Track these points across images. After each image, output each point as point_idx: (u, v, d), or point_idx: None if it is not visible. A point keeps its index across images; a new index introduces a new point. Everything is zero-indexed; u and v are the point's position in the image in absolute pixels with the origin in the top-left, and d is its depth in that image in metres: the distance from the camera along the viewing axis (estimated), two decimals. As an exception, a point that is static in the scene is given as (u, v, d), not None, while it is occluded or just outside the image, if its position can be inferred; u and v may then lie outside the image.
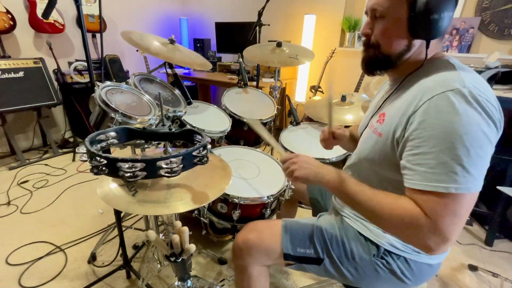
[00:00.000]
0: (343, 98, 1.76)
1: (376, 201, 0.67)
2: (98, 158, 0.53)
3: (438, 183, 0.58)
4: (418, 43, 0.69)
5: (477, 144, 0.56)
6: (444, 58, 0.70)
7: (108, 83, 1.10)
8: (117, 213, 1.33)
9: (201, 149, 0.61)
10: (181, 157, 0.57)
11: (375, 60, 0.74)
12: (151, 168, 0.55)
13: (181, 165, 0.57)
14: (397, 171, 0.70)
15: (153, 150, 1.09)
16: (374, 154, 0.75)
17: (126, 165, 0.53)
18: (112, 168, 0.54)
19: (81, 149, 0.57)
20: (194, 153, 0.60)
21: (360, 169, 0.84)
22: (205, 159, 0.62)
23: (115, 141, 0.69)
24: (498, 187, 1.41)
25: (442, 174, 0.58)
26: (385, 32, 0.69)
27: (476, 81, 0.61)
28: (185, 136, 0.75)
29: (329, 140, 1.06)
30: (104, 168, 0.53)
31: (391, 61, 0.72)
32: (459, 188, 0.57)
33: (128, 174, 0.53)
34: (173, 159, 0.56)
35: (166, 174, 0.56)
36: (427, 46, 0.66)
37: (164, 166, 0.55)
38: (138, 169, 0.53)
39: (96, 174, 0.53)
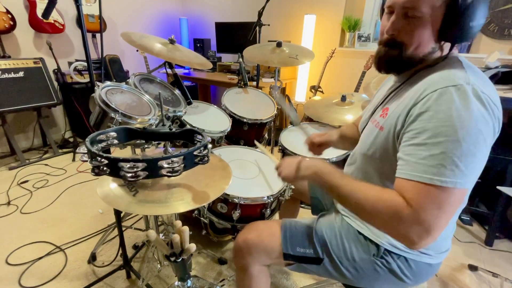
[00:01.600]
0: (343, 98, 1.76)
1: (361, 193, 0.66)
2: (99, 158, 0.53)
3: (424, 174, 0.58)
4: (444, 46, 0.68)
5: (471, 140, 0.56)
6: (452, 55, 0.70)
7: (108, 83, 1.10)
8: (117, 213, 1.33)
9: (202, 148, 0.61)
10: (182, 157, 0.57)
11: (397, 61, 0.71)
12: (153, 168, 0.54)
13: (183, 165, 0.57)
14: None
15: (153, 150, 1.09)
16: (375, 149, 0.76)
17: (128, 165, 0.52)
18: (113, 168, 0.54)
19: (82, 149, 0.57)
20: (195, 153, 0.60)
21: (361, 165, 0.84)
22: (206, 158, 0.62)
23: (116, 141, 0.69)
24: (498, 187, 1.41)
25: (431, 166, 0.58)
26: (416, 32, 0.66)
27: (481, 81, 0.61)
28: (185, 136, 0.75)
29: (315, 149, 1.13)
30: (105, 168, 0.53)
31: (412, 63, 0.70)
32: (444, 182, 0.57)
33: (130, 174, 0.53)
34: (174, 159, 0.56)
35: (168, 174, 0.56)
36: (451, 48, 0.66)
37: (165, 165, 0.55)
38: (139, 169, 0.53)
39: (97, 174, 0.53)
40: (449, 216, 0.59)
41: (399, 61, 0.71)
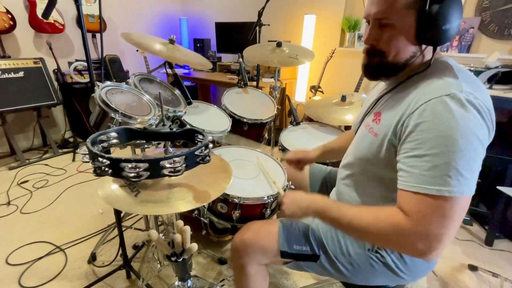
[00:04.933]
0: (343, 98, 1.75)
1: (358, 219, 0.68)
2: (101, 159, 0.52)
3: (431, 186, 0.59)
4: (425, 49, 0.69)
5: (471, 148, 0.57)
6: (442, 59, 0.70)
7: (108, 83, 1.10)
8: (117, 213, 1.33)
9: (203, 148, 0.61)
10: (184, 157, 0.57)
11: (380, 68, 0.74)
12: (155, 168, 0.54)
13: (184, 165, 0.57)
14: (391, 170, 0.71)
15: (152, 150, 1.09)
16: (369, 154, 0.76)
17: (130, 165, 0.52)
18: (115, 169, 0.54)
19: (83, 150, 0.57)
20: (196, 153, 0.60)
21: (355, 168, 0.85)
22: (207, 158, 0.62)
23: (116, 141, 0.69)
24: (498, 187, 1.41)
25: (436, 177, 0.58)
26: (392, 40, 0.68)
27: (473, 85, 0.62)
28: (186, 135, 0.75)
29: (295, 166, 1.18)
30: (107, 169, 0.53)
31: (396, 68, 0.72)
32: (452, 191, 0.57)
33: (132, 174, 0.53)
34: (176, 159, 0.56)
35: (170, 174, 0.56)
36: (434, 51, 0.67)
37: (167, 165, 0.55)
38: (141, 169, 0.53)
39: (98, 175, 0.53)
40: (457, 224, 0.60)
41: (381, 68, 0.74)
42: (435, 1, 0.61)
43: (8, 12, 2.53)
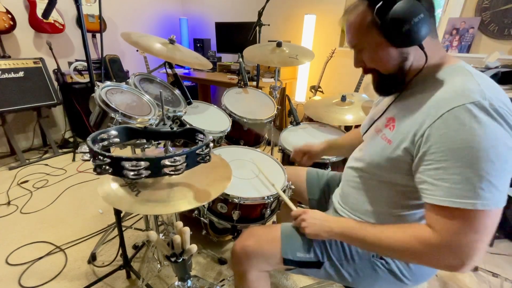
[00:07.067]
0: (343, 98, 1.75)
1: (386, 240, 0.68)
2: (101, 157, 0.52)
3: (465, 199, 0.56)
4: (411, 49, 0.67)
5: (503, 158, 0.55)
6: (458, 64, 0.68)
7: (108, 83, 1.10)
8: (117, 213, 1.33)
9: (204, 147, 0.61)
10: (185, 156, 0.57)
11: (384, 83, 0.75)
12: (155, 167, 0.54)
13: (185, 164, 0.57)
14: (403, 176, 0.70)
15: (153, 150, 1.09)
16: (381, 159, 0.75)
17: (130, 164, 0.52)
18: (115, 167, 0.53)
19: (83, 148, 0.57)
20: (197, 152, 0.59)
21: (365, 172, 0.83)
22: (208, 157, 0.62)
23: (117, 140, 0.69)
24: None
25: (468, 190, 0.56)
26: (374, 58, 0.71)
27: (495, 91, 0.60)
28: (187, 135, 0.75)
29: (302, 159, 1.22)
30: (107, 167, 0.53)
31: (397, 78, 0.72)
32: (486, 204, 0.55)
33: (132, 173, 0.53)
34: (177, 158, 0.56)
35: (170, 173, 0.56)
36: (422, 48, 0.65)
37: (168, 164, 0.55)
38: (142, 167, 0.53)
39: (99, 173, 0.53)
40: (489, 237, 0.58)
41: (384, 82, 0.75)
42: (382, 13, 0.62)
43: (8, 12, 2.53)
